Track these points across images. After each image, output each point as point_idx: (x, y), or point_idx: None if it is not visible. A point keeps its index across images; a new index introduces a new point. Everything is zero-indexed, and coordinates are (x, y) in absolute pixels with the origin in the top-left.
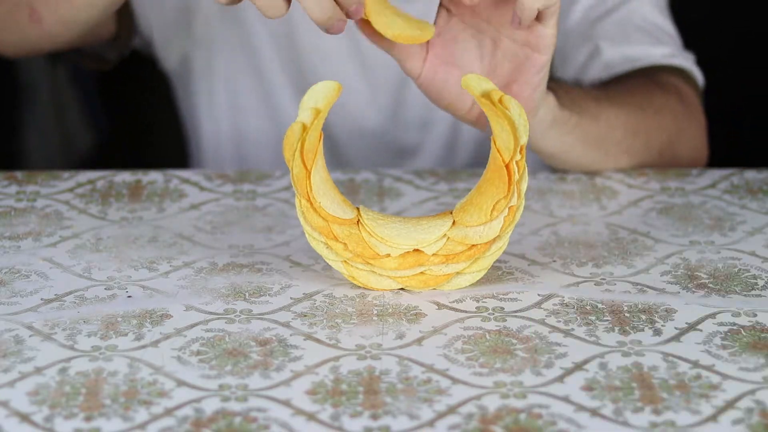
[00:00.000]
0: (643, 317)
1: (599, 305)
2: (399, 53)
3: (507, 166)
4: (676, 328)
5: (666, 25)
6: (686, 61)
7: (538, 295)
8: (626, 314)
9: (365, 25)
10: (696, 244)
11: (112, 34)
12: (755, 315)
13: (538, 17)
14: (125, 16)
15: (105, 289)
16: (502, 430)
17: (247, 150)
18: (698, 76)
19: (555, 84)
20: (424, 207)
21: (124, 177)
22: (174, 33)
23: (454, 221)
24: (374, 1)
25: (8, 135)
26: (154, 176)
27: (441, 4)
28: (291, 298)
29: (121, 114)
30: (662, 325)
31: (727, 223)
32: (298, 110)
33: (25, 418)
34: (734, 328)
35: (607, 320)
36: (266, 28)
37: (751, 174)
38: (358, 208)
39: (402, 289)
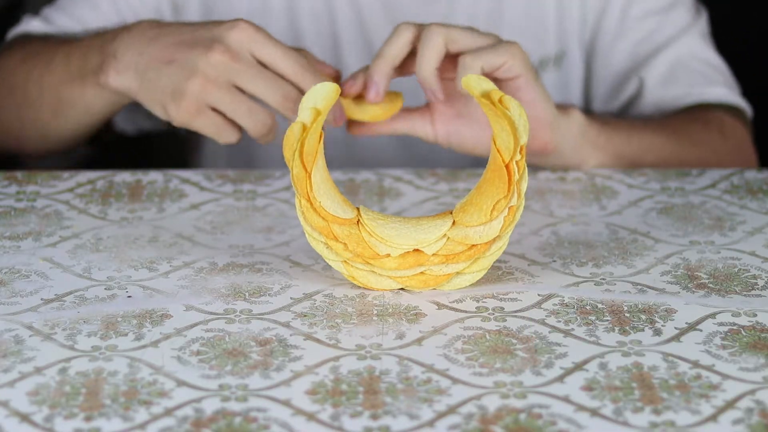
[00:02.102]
0: (643, 317)
1: (599, 305)
2: (405, 128)
3: (507, 166)
4: (676, 328)
5: (713, 58)
6: (735, 96)
7: (538, 295)
8: (626, 314)
9: (351, 125)
10: (696, 244)
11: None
12: (755, 315)
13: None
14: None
15: (105, 289)
16: (502, 430)
17: (257, 152)
18: (747, 109)
19: (582, 110)
20: (424, 207)
21: (124, 177)
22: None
23: (454, 221)
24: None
25: None
26: (154, 176)
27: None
28: (291, 298)
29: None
30: (662, 325)
31: (727, 223)
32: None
33: (25, 418)
34: (734, 328)
35: (607, 320)
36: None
37: (751, 174)
38: (358, 208)
39: (402, 289)
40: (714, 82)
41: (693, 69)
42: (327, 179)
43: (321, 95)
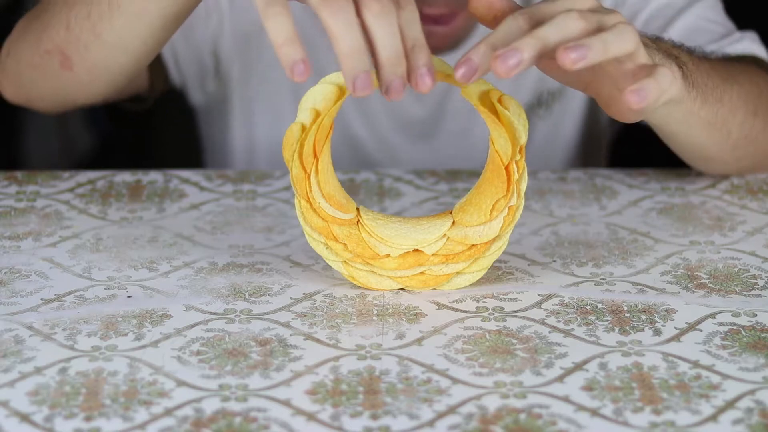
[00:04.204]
0: (643, 317)
1: (599, 305)
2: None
3: (506, 168)
4: (676, 328)
5: (728, 23)
6: (760, 49)
7: (538, 295)
8: (626, 314)
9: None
10: (696, 244)
11: (145, 88)
12: (755, 315)
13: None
14: (157, 69)
15: (105, 289)
16: (502, 430)
17: (257, 152)
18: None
19: (687, 57)
20: (424, 207)
21: (124, 177)
22: (206, 77)
23: (453, 221)
24: None
25: (9, 136)
26: (154, 176)
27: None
28: (291, 298)
29: (121, 115)
30: (662, 325)
31: (727, 223)
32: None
33: (25, 418)
34: (734, 328)
35: (607, 320)
36: None
37: (750, 174)
38: (357, 209)
39: (402, 289)
40: (735, 39)
41: (709, 30)
42: (330, 180)
43: (320, 96)
